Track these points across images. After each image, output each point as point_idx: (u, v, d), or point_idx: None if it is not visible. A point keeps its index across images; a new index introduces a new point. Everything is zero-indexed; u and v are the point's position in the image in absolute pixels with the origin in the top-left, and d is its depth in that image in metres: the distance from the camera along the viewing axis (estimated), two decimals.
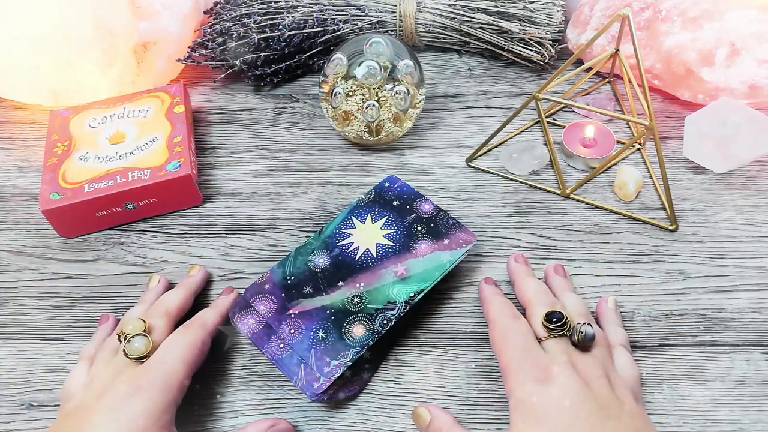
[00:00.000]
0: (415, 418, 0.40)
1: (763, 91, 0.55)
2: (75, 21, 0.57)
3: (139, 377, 0.37)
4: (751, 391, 0.41)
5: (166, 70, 0.64)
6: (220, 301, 0.46)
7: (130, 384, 0.37)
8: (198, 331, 0.41)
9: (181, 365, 0.39)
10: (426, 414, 0.39)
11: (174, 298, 0.45)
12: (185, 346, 0.40)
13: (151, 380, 0.37)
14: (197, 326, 0.42)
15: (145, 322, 0.41)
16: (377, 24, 0.65)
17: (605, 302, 0.45)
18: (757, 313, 0.45)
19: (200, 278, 0.48)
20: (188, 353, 0.40)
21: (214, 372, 0.44)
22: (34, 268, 0.51)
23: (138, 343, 0.39)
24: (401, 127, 0.57)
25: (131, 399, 0.36)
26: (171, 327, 0.42)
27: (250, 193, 0.56)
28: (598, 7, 0.62)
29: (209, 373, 0.44)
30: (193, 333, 0.41)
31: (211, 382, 0.43)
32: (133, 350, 0.39)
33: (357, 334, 0.42)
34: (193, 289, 0.47)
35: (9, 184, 0.57)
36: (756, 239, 0.49)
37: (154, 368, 0.38)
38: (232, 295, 0.47)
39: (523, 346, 0.37)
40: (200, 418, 0.42)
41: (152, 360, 0.39)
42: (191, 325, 0.42)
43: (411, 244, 0.46)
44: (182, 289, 0.46)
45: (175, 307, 0.44)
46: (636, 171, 0.53)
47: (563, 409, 0.34)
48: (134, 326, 0.40)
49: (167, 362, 0.38)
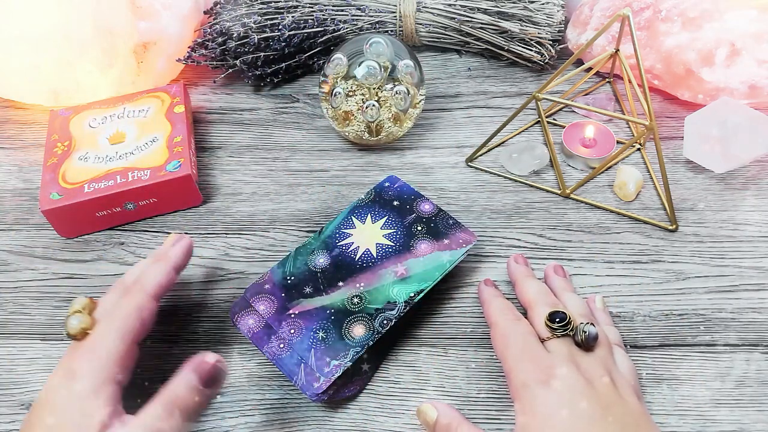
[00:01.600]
0: (420, 415, 0.39)
1: (763, 91, 0.55)
2: (75, 21, 0.57)
3: (72, 361, 0.36)
4: (751, 391, 0.41)
5: (166, 70, 0.64)
6: (167, 252, 0.42)
7: (65, 369, 0.35)
8: (135, 296, 0.38)
9: (114, 341, 0.36)
10: (432, 411, 0.38)
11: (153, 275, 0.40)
12: (118, 319, 0.37)
13: (82, 363, 0.35)
14: (135, 290, 0.39)
15: (88, 299, 0.38)
16: (377, 24, 0.65)
17: (593, 302, 0.45)
18: (757, 313, 0.45)
19: (182, 250, 0.43)
20: (122, 325, 0.37)
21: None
22: (34, 268, 0.51)
23: (75, 320, 0.37)
24: (401, 127, 0.57)
25: (66, 384, 0.35)
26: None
27: (250, 193, 0.56)
28: (598, 7, 0.62)
29: None
30: (129, 300, 0.38)
31: None
32: (70, 328, 0.37)
33: (357, 334, 0.42)
34: (173, 263, 0.42)
35: (9, 184, 0.57)
36: (756, 239, 0.49)
37: (85, 348, 0.36)
38: (182, 243, 0.43)
39: (525, 347, 0.37)
40: (200, 418, 0.42)
41: (87, 341, 0.37)
42: (130, 288, 0.39)
43: (411, 244, 0.46)
44: (162, 265, 0.41)
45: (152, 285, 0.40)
46: (636, 171, 0.53)
47: (569, 410, 0.34)
48: (78, 303, 0.38)
49: (99, 339, 0.36)
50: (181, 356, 0.44)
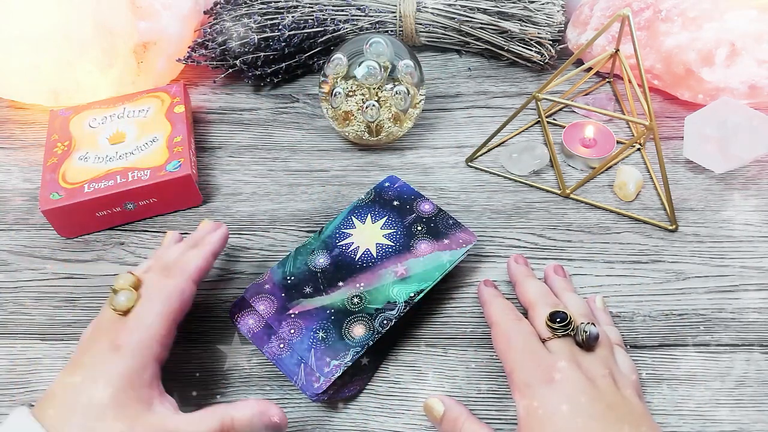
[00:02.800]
0: (427, 409, 0.39)
1: (763, 91, 0.55)
2: (75, 21, 0.57)
3: (118, 336, 0.37)
4: (751, 391, 0.41)
5: (166, 70, 0.64)
6: (207, 238, 0.44)
7: (111, 342, 0.36)
8: (177, 279, 0.40)
9: (157, 319, 0.37)
10: (439, 405, 0.38)
11: (194, 260, 0.42)
12: (162, 300, 0.38)
13: (128, 337, 0.36)
14: (177, 271, 0.40)
15: (134, 276, 0.39)
16: (377, 24, 0.65)
17: (593, 302, 0.45)
18: (757, 313, 0.45)
19: (220, 237, 0.45)
20: (166, 306, 0.38)
21: (215, 371, 0.44)
22: (34, 268, 0.51)
23: (123, 296, 0.38)
24: (401, 127, 0.57)
25: (110, 357, 0.36)
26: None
27: (250, 193, 0.56)
28: (598, 7, 0.62)
29: (209, 373, 0.44)
30: (171, 281, 0.39)
31: (210, 382, 0.43)
32: (118, 304, 0.38)
33: (357, 334, 0.42)
34: (212, 249, 0.44)
35: (9, 184, 0.57)
36: (756, 239, 0.49)
37: (132, 327, 0.37)
38: (220, 231, 0.45)
39: (527, 348, 0.37)
40: None
41: (131, 317, 0.38)
42: (171, 271, 0.40)
43: (411, 244, 0.46)
44: (202, 250, 0.43)
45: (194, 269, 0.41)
46: (636, 171, 0.53)
47: (571, 410, 0.34)
48: (124, 280, 0.39)
49: (145, 319, 0.37)
50: (182, 356, 0.44)
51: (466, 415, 0.38)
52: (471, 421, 0.37)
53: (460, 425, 0.37)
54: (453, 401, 0.39)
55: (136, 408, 0.34)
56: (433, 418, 0.39)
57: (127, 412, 0.34)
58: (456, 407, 0.38)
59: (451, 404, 0.38)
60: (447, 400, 0.39)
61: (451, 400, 0.39)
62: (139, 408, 0.34)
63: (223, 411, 0.36)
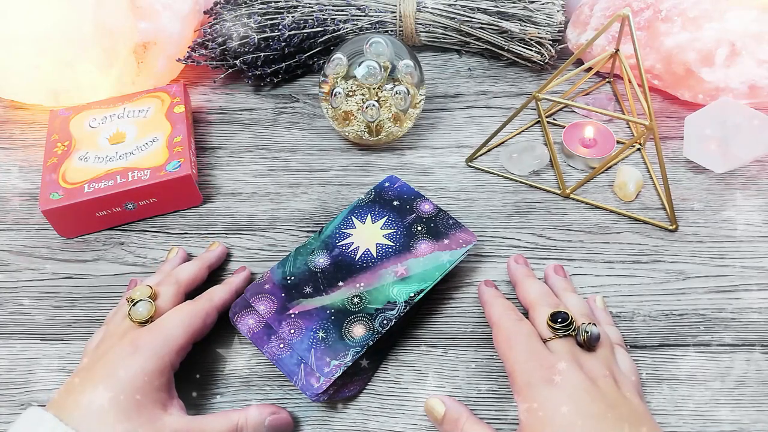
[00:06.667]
0: (427, 410, 0.39)
1: (763, 91, 0.55)
2: (75, 21, 0.57)
3: (138, 338, 0.38)
4: (751, 391, 0.41)
5: (166, 70, 0.64)
6: (232, 279, 0.47)
7: (130, 344, 0.38)
8: (204, 303, 0.43)
9: (181, 330, 0.40)
10: (440, 405, 0.39)
11: (186, 269, 0.46)
12: (188, 314, 0.41)
13: (150, 341, 0.38)
14: (204, 299, 0.43)
15: (152, 289, 0.42)
16: (377, 24, 0.65)
17: (593, 302, 0.45)
18: (756, 313, 0.45)
19: (217, 253, 0.49)
20: (190, 321, 0.41)
21: (215, 372, 0.44)
22: (34, 268, 0.51)
23: (142, 307, 0.40)
24: (401, 127, 0.57)
25: (129, 358, 0.37)
26: (179, 296, 0.43)
27: (250, 193, 0.56)
28: (598, 7, 0.62)
29: (210, 373, 0.44)
30: (198, 304, 0.42)
31: (211, 382, 0.43)
32: (137, 314, 0.40)
33: (357, 334, 0.42)
34: (207, 262, 0.48)
35: (9, 184, 0.57)
36: (756, 239, 0.49)
37: (153, 330, 0.39)
38: (244, 273, 0.48)
39: (528, 348, 0.37)
40: None
41: (154, 323, 0.40)
42: (199, 298, 0.43)
43: (411, 244, 0.46)
44: (196, 262, 0.47)
45: (185, 277, 0.45)
46: (636, 171, 0.53)
47: (572, 410, 0.34)
48: (141, 292, 0.41)
49: (167, 326, 0.40)
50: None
51: (467, 416, 0.38)
52: (472, 422, 0.37)
53: (461, 425, 0.37)
54: (454, 401, 0.39)
55: (152, 410, 0.36)
56: (433, 419, 0.39)
57: (144, 414, 0.35)
58: (457, 407, 0.38)
59: (451, 404, 0.38)
60: (448, 400, 0.39)
61: (452, 401, 0.39)
62: (155, 411, 0.36)
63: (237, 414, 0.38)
